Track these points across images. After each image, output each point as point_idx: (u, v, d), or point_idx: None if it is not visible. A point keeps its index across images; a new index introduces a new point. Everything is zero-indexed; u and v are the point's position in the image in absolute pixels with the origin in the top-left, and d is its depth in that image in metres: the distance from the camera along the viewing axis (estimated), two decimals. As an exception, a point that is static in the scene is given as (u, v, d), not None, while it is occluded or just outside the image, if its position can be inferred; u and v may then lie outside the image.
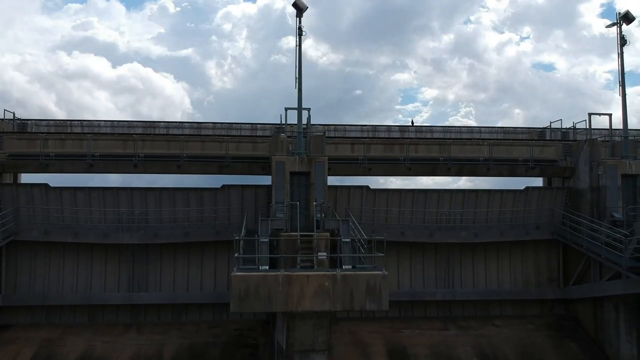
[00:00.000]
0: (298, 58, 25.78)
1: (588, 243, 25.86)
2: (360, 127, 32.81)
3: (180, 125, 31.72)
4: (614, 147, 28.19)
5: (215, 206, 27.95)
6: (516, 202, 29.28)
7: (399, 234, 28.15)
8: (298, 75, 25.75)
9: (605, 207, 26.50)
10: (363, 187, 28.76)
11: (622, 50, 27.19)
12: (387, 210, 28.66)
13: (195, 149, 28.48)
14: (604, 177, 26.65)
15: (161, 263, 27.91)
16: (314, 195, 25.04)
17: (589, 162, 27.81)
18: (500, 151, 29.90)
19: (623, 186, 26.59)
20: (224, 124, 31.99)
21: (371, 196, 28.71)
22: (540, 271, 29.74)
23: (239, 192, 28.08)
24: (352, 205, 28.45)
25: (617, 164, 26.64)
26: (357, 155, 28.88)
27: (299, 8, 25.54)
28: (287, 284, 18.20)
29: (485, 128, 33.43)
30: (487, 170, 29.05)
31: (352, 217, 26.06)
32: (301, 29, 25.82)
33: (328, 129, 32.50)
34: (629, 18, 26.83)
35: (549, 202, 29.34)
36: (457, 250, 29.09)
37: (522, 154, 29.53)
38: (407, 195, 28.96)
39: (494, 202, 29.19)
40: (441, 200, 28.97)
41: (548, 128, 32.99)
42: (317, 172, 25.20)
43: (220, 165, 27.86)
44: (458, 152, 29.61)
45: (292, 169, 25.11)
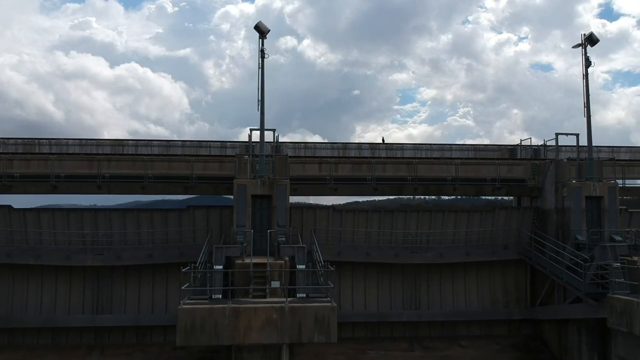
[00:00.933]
0: (260, 80, 25.72)
1: (551, 266, 25.82)
2: (331, 144, 32.69)
3: (149, 144, 31.52)
4: (581, 167, 28.14)
5: (180, 227, 27.83)
6: (483, 222, 29.20)
7: (365, 254, 28.07)
8: (260, 97, 25.68)
9: (570, 229, 26.43)
10: (329, 207, 28.70)
11: (586, 71, 27.15)
12: (353, 231, 28.57)
13: (162, 169, 28.35)
14: (569, 199, 26.59)
15: (126, 285, 27.78)
16: (275, 219, 24.97)
17: (555, 183, 27.76)
18: (468, 170, 29.82)
19: (587, 208, 26.52)
20: (194, 142, 31.82)
21: (337, 217, 28.60)
22: (508, 291, 29.68)
23: (204, 213, 27.96)
24: (318, 226, 28.34)
25: (581, 186, 26.59)
26: (324, 175, 28.80)
27: (261, 31, 25.46)
28: (234, 316, 18.09)
29: (456, 146, 33.36)
30: (454, 190, 28.98)
31: (316, 240, 26.11)
32: (263, 51, 25.76)
33: (298, 146, 32.40)
34: (592, 40, 26.80)
35: (517, 222, 29.27)
36: (424, 270, 28.99)
37: (490, 174, 29.45)
38: (374, 215, 28.88)
39: (460, 222, 29.12)
40: (408, 221, 28.88)
41: (519, 146, 32.92)
42: (279, 195, 25.12)
43: (185, 186, 27.75)
44: (426, 172, 29.54)
45: (254, 192, 25.04)
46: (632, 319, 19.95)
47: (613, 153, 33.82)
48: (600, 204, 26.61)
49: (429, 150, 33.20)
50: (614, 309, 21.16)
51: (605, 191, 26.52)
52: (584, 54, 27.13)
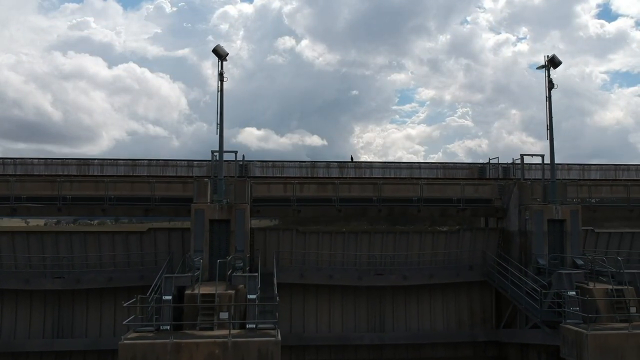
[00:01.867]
0: (220, 102, 25.55)
1: (512, 290, 25.66)
2: (299, 163, 32.47)
3: (115, 163, 31.29)
4: (546, 189, 27.99)
5: (141, 250, 27.62)
6: (449, 244, 29.04)
7: (328, 277, 27.89)
8: (220, 120, 25.52)
9: (531, 252, 26.29)
10: (292, 229, 28.50)
11: (549, 93, 27.01)
12: (317, 253, 28.38)
13: (125, 190, 28.19)
14: (531, 222, 26.44)
15: (87, 308, 27.54)
16: (234, 244, 24.81)
17: (518, 205, 27.62)
18: (435, 190, 29.71)
19: (550, 231, 26.36)
20: (160, 161, 31.59)
21: (301, 238, 28.41)
22: (474, 312, 29.52)
23: (166, 235, 27.75)
24: (282, 247, 28.16)
25: (543, 209, 26.44)
26: (289, 196, 28.65)
27: (219, 55, 25.31)
28: (175, 352, 17.88)
29: (425, 164, 33.16)
30: (418, 212, 28.82)
31: (275, 264, 25.99)
32: (222, 74, 25.60)
33: (266, 165, 32.19)
34: (555, 62, 26.68)
35: (482, 243, 29.13)
36: (389, 292, 28.82)
37: (456, 194, 29.33)
38: (338, 237, 28.69)
39: (426, 243, 28.96)
40: (372, 243, 28.70)
41: (488, 164, 32.79)
42: (237, 219, 24.95)
43: (146, 208, 27.56)
44: (392, 192, 29.43)
45: (212, 216, 24.88)
46: (581, 350, 19.80)
47: (584, 171, 33.77)
48: (562, 227, 26.46)
49: (398, 169, 33.05)
50: (565, 338, 21.00)
51: (567, 214, 26.37)
52: (547, 76, 27.01)
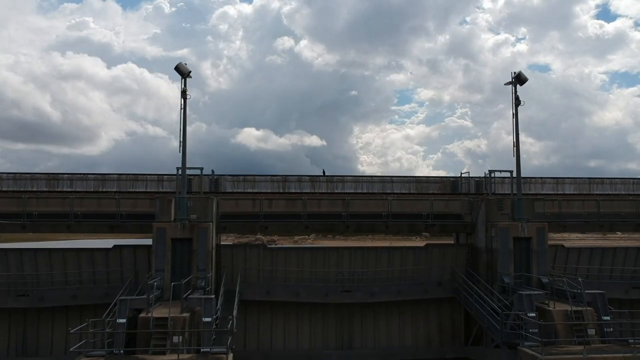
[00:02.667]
0: (183, 120, 25.35)
1: (476, 309, 25.51)
2: (271, 177, 32.29)
3: (85, 178, 31.12)
4: (514, 206, 27.79)
5: (107, 268, 27.46)
6: (417, 260, 28.88)
7: (295, 294, 27.74)
8: (182, 138, 25.32)
9: (497, 270, 26.13)
10: (260, 245, 28.38)
11: (516, 110, 26.85)
12: (285, 270, 28.22)
13: (91, 207, 28.05)
14: (496, 240, 26.28)
15: (53, 326, 27.37)
16: (196, 263, 24.64)
17: (485, 222, 27.47)
18: (405, 206, 29.57)
19: (516, 249, 26.18)
20: (130, 176, 31.43)
21: (268, 255, 28.26)
22: (443, 329, 29.39)
23: (131, 252, 27.57)
24: (249, 265, 28.00)
25: (509, 227, 26.25)
26: (257, 211, 28.48)
27: (182, 72, 25.13)
28: (122, 379, 17.72)
29: (397, 178, 32.95)
30: (386, 228, 28.67)
31: (238, 282, 25.85)
32: (185, 92, 25.42)
33: (237, 179, 32.03)
34: (521, 79, 26.51)
35: (451, 259, 28.98)
36: (358, 309, 28.67)
37: (426, 209, 29.16)
38: (306, 253, 28.56)
39: (394, 259, 28.81)
40: (340, 259, 28.55)
41: (459, 178, 32.64)
42: (199, 238, 24.75)
43: (111, 225, 27.40)
44: (362, 207, 29.27)
45: (174, 235, 24.67)
46: (536, 375, 19.61)
47: (557, 184, 33.65)
48: (529, 245, 26.28)
49: (370, 183, 32.89)
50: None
51: (533, 232, 26.19)
52: (514, 92, 26.84)
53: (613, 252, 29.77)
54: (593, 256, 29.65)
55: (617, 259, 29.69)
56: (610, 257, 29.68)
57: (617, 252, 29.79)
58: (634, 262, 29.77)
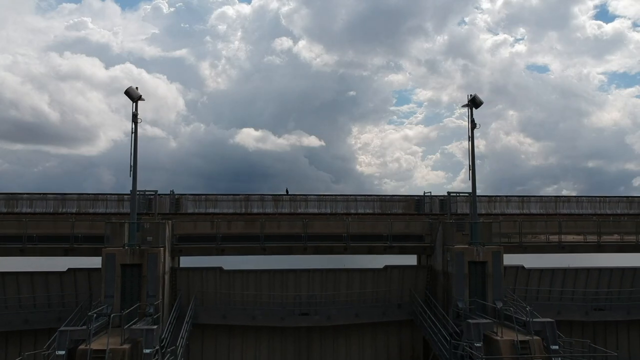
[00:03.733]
0: (133, 145, 25.13)
1: (429, 335, 25.30)
2: (233, 196, 32.09)
3: (44, 197, 30.91)
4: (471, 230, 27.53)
5: (61, 291, 27.25)
6: (377, 282, 28.66)
7: (251, 317, 27.52)
8: (133, 162, 25.11)
9: (452, 294, 25.90)
10: (216, 268, 28.11)
11: (472, 133, 26.64)
12: (242, 294, 27.99)
13: (48, 229, 27.84)
14: (452, 264, 26.06)
15: (7, 352, 27.10)
16: (145, 289, 24.42)
17: (442, 245, 27.25)
18: (366, 226, 29.39)
19: (471, 273, 25.93)
20: (90, 195, 31.23)
21: (225, 278, 28.02)
22: (403, 351, 29.15)
23: (86, 276, 27.36)
24: (205, 288, 27.78)
25: (464, 251, 26.01)
26: (215, 233, 28.26)
27: (131, 96, 24.92)
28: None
29: (361, 197, 32.75)
30: (345, 250, 28.43)
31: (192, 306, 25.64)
32: (136, 116, 25.22)
33: (198, 199, 31.85)
34: (476, 102, 26.30)
35: (410, 281, 28.76)
36: (317, 333, 28.41)
37: (387, 230, 28.93)
38: (264, 276, 28.30)
39: (353, 281, 28.59)
40: (298, 281, 28.33)
41: (423, 196, 32.42)
42: (149, 264, 24.55)
43: (65, 248, 27.17)
44: (322, 228, 29.06)
45: (124, 261, 24.46)
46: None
47: (523, 203, 33.45)
48: (484, 269, 26.04)
49: (334, 202, 32.72)
50: (466, 394, 20.65)
51: (489, 256, 25.95)
52: (470, 115, 26.63)
53: (575, 274, 29.54)
54: (555, 277, 29.43)
55: (579, 280, 29.48)
56: (572, 278, 29.47)
57: (579, 274, 29.56)
58: (596, 283, 29.55)
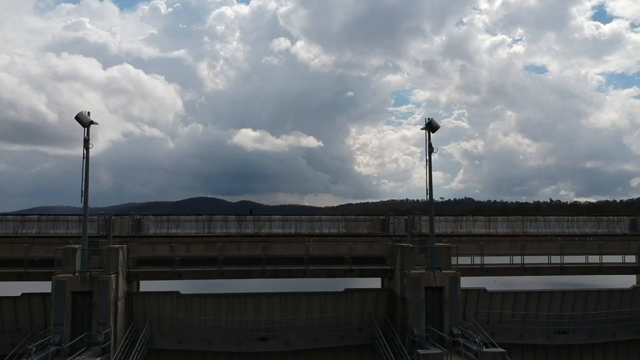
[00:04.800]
0: (85, 170, 24.83)
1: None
2: (196, 217, 31.72)
3: (4, 219, 30.56)
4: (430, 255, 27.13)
5: (15, 317, 26.92)
6: (337, 305, 28.34)
7: (207, 343, 27.20)
8: (84, 187, 24.80)
9: (408, 320, 25.58)
10: (173, 292, 27.80)
11: (430, 157, 26.34)
12: (200, 320, 27.64)
13: (5, 252, 27.61)
14: (408, 289, 25.74)
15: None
16: (96, 317, 24.12)
17: (401, 269, 26.94)
18: (327, 248, 29.13)
19: (428, 299, 25.61)
20: (50, 216, 30.88)
21: (183, 302, 27.70)
22: (365, 375, 28.81)
23: (40, 300, 26.94)
24: (162, 313, 27.47)
25: (420, 276, 25.67)
26: (175, 256, 27.94)
27: (82, 122, 24.62)
28: None
29: (326, 217, 32.38)
30: (304, 273, 28.13)
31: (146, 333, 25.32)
32: (87, 141, 24.90)
33: (160, 220, 31.49)
34: (432, 126, 26.03)
35: (371, 305, 28.44)
36: (276, 358, 27.99)
37: (348, 251, 28.62)
38: (222, 300, 27.96)
39: (313, 305, 28.26)
40: (257, 306, 27.99)
41: (387, 217, 32.08)
42: (100, 291, 24.25)
43: (19, 273, 26.84)
44: (283, 250, 28.81)
45: (74, 288, 24.16)
46: None
47: (489, 222, 33.13)
48: (441, 295, 25.73)
49: (298, 222, 32.32)
50: None
51: (446, 281, 25.65)
52: (427, 139, 26.34)
53: (538, 296, 29.22)
54: (518, 300, 29.12)
55: (542, 302, 29.16)
56: (536, 301, 29.15)
57: (542, 296, 29.24)
58: (560, 306, 29.24)
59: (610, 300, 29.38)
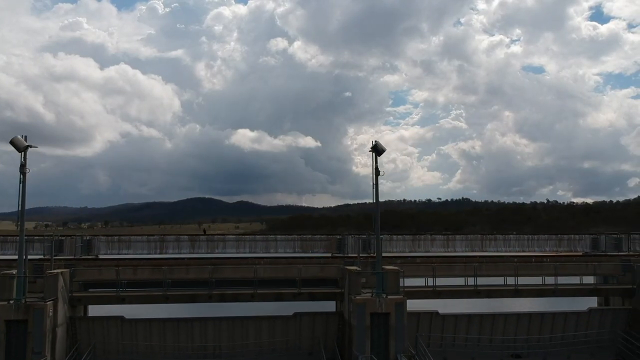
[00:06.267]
0: (21, 198, 24.28)
1: (327, 391, 24.49)
2: (147, 237, 31.34)
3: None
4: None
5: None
6: (287, 330, 27.83)
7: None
8: (20, 215, 24.30)
9: (352, 348, 25.09)
10: (118, 317, 27.27)
11: (376, 179, 25.83)
12: (146, 345, 27.11)
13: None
14: (353, 315, 25.24)
15: None
16: (31, 346, 23.63)
17: (348, 295, 26.44)
18: (278, 271, 28.64)
19: (373, 325, 25.06)
20: (-2, 238, 30.49)
21: (128, 327, 27.06)
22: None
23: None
24: (107, 339, 26.89)
25: (366, 302, 25.14)
26: (121, 279, 27.44)
27: (17, 147, 24.08)
28: None
29: (282, 236, 32.00)
30: (252, 297, 27.61)
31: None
32: (24, 165, 24.37)
33: (111, 240, 31.10)
34: (378, 149, 25.53)
35: (321, 329, 27.95)
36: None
37: (300, 274, 28.10)
38: (168, 325, 27.34)
39: (262, 329, 27.72)
40: (204, 330, 27.44)
41: (343, 236, 31.62)
42: (35, 319, 23.73)
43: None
44: (232, 273, 28.34)
45: (8, 317, 23.64)
46: None
47: (448, 241, 32.67)
48: (387, 321, 25.20)
49: (253, 242, 31.96)
50: None
51: (392, 307, 25.10)
52: (374, 162, 25.84)
53: (492, 319, 28.71)
54: (471, 323, 28.62)
55: (496, 326, 28.65)
56: (490, 324, 28.64)
57: (496, 319, 28.73)
58: (515, 329, 28.73)
59: (565, 323, 28.87)
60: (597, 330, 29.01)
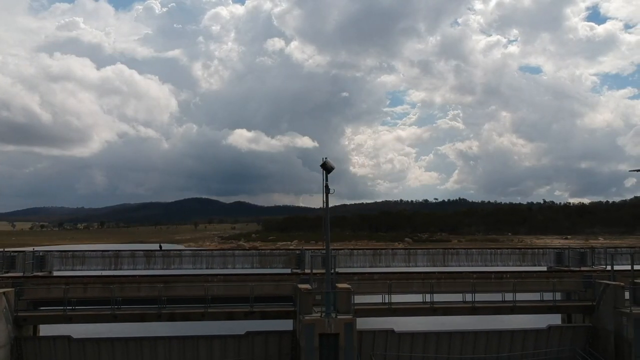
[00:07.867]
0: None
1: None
2: (102, 253, 30.80)
3: None
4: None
5: None
6: (239, 349, 27.29)
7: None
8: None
9: (301, 372, 24.60)
10: (65, 337, 26.72)
11: (327, 197, 25.35)
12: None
13: None
14: (302, 336, 24.75)
15: None
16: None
17: (299, 314, 25.93)
18: (232, 289, 28.23)
19: (322, 347, 24.58)
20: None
21: (75, 347, 26.50)
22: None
23: None
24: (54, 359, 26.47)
25: (315, 322, 24.61)
26: (70, 297, 26.92)
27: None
28: None
29: (240, 252, 31.63)
30: (203, 316, 27.11)
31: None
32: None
33: (66, 255, 30.59)
34: (327, 167, 25.06)
35: (273, 348, 27.45)
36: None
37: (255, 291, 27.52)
38: (117, 344, 26.82)
39: (214, 349, 27.22)
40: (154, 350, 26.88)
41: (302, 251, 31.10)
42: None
43: None
44: (184, 291, 27.92)
45: (-54, 340, 23.19)
46: None
47: (409, 256, 32.17)
48: (337, 342, 24.68)
49: (210, 257, 31.47)
50: None
51: (341, 328, 24.59)
52: (324, 180, 25.37)
53: (449, 337, 28.22)
54: (428, 341, 28.10)
55: (454, 344, 28.16)
56: (447, 342, 28.14)
57: (453, 337, 28.24)
58: (472, 347, 28.23)
59: (525, 341, 28.36)
60: (557, 348, 28.50)
